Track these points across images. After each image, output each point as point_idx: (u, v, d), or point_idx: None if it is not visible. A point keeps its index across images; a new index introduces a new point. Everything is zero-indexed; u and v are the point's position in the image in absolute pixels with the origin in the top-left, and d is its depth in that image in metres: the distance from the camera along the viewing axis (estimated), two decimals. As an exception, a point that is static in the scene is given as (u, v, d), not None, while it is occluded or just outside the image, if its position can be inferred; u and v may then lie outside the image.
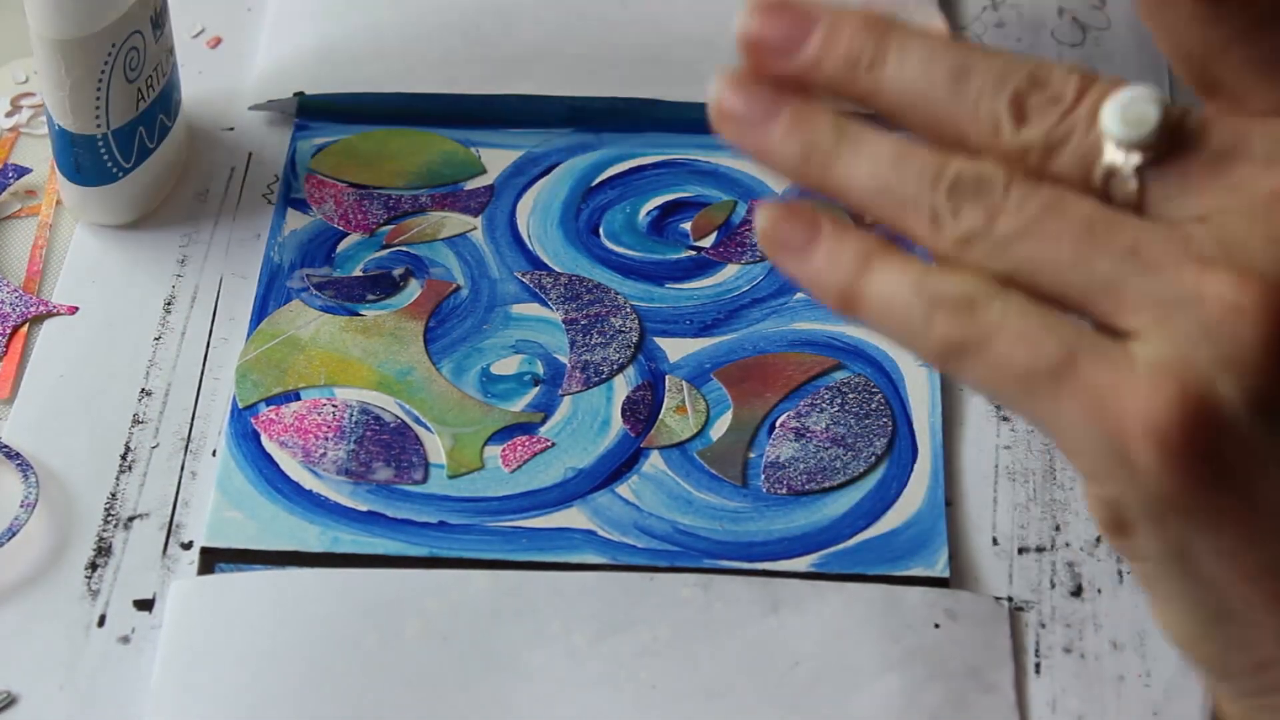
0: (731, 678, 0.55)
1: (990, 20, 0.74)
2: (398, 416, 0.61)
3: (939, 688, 0.54)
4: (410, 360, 0.63)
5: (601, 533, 0.58)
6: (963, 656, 0.56)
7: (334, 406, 0.62)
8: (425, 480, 0.60)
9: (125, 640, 0.57)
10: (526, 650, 0.56)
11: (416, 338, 0.64)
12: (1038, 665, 0.57)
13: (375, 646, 0.56)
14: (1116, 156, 0.42)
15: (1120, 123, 0.42)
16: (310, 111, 0.71)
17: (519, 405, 0.62)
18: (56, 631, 0.57)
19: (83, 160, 0.65)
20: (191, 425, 0.62)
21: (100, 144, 0.65)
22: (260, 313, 0.65)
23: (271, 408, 0.62)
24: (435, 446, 0.61)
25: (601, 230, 0.67)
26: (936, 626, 0.56)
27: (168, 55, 0.66)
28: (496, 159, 0.70)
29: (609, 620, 0.56)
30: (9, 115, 0.71)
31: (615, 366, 0.63)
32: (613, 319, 0.65)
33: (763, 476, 0.61)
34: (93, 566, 0.59)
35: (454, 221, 0.68)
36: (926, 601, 0.57)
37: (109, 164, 0.66)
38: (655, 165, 0.69)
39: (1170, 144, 0.42)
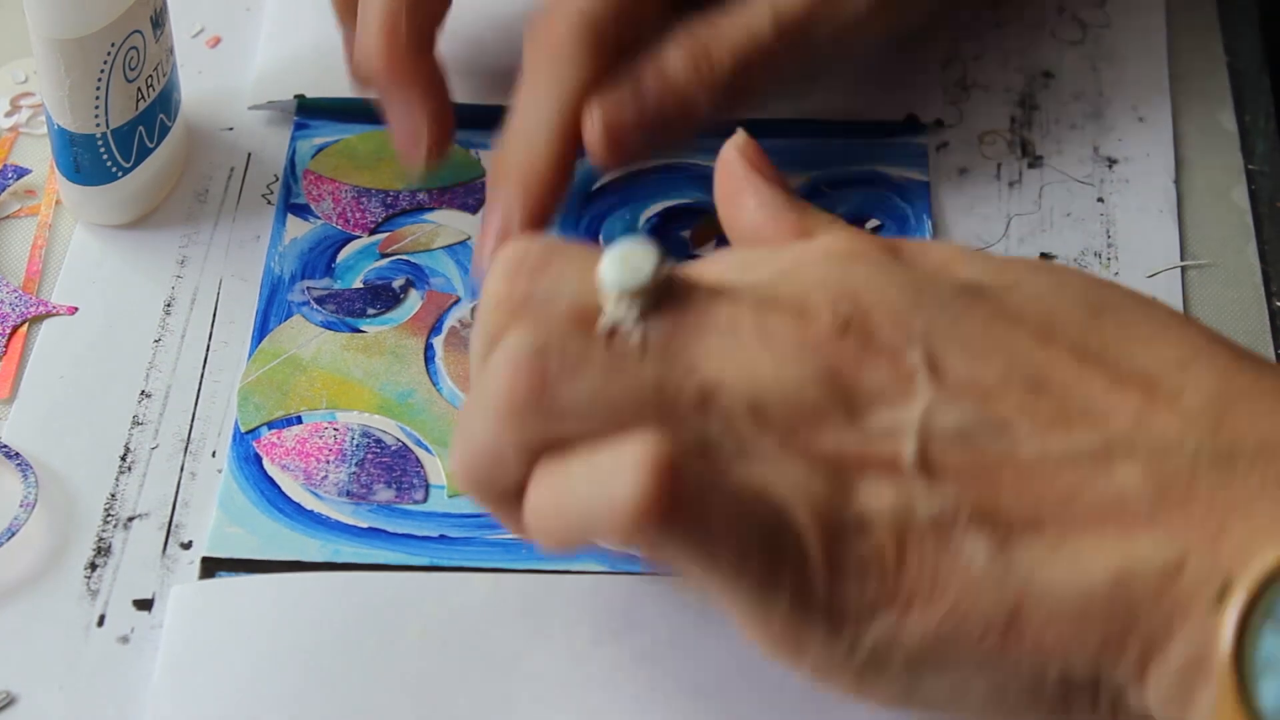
0: (731, 679, 0.55)
1: (989, 19, 0.74)
2: (399, 439, 0.61)
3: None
4: (411, 382, 0.63)
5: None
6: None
7: (335, 430, 0.62)
8: (426, 500, 0.60)
9: (125, 640, 0.57)
10: (527, 653, 0.56)
11: (417, 356, 0.64)
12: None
13: (375, 649, 0.56)
14: (619, 309, 0.49)
15: (621, 269, 0.49)
16: (310, 110, 0.71)
17: None
18: (56, 631, 0.57)
19: (82, 160, 0.65)
20: (191, 427, 0.62)
21: (100, 143, 0.65)
22: (262, 328, 0.65)
23: (273, 431, 0.62)
24: (436, 468, 0.61)
25: (601, 237, 0.67)
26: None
27: (167, 55, 0.66)
28: (496, 162, 0.69)
29: (609, 622, 0.56)
30: (8, 115, 0.71)
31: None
32: None
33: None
34: (92, 566, 0.59)
35: (447, 231, 0.68)
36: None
37: (109, 164, 0.66)
38: (654, 170, 0.69)
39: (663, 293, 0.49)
